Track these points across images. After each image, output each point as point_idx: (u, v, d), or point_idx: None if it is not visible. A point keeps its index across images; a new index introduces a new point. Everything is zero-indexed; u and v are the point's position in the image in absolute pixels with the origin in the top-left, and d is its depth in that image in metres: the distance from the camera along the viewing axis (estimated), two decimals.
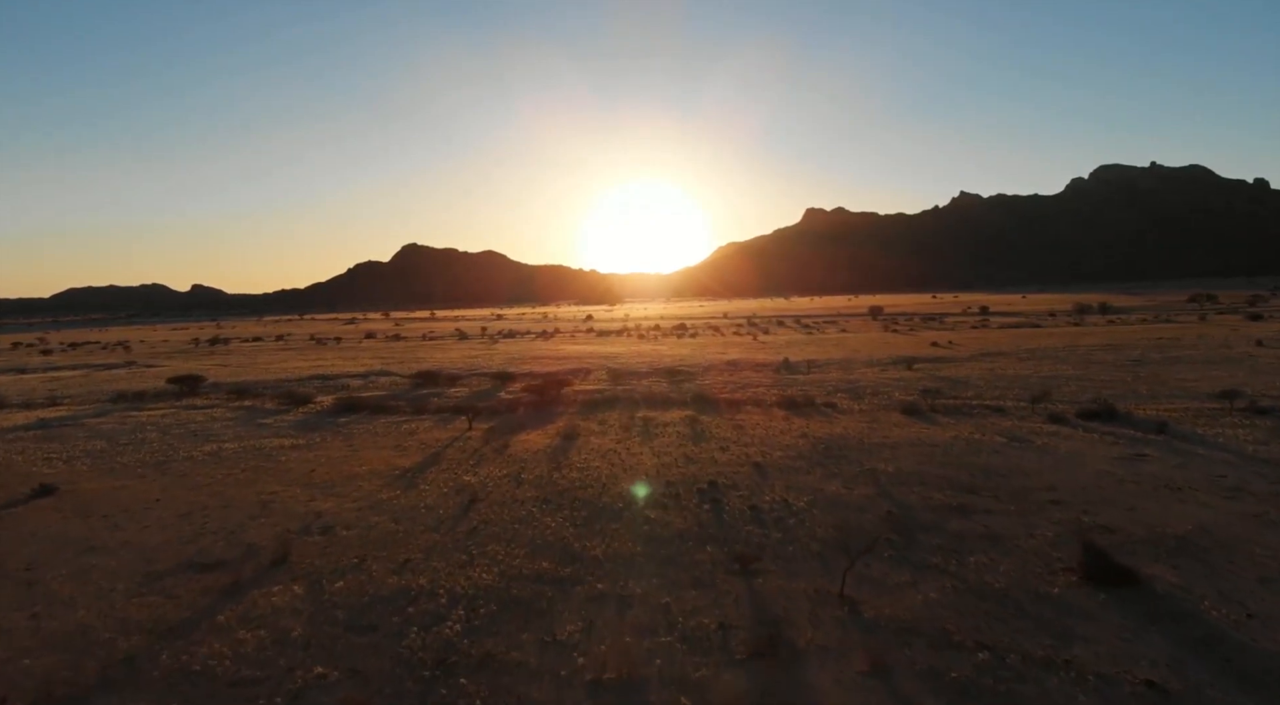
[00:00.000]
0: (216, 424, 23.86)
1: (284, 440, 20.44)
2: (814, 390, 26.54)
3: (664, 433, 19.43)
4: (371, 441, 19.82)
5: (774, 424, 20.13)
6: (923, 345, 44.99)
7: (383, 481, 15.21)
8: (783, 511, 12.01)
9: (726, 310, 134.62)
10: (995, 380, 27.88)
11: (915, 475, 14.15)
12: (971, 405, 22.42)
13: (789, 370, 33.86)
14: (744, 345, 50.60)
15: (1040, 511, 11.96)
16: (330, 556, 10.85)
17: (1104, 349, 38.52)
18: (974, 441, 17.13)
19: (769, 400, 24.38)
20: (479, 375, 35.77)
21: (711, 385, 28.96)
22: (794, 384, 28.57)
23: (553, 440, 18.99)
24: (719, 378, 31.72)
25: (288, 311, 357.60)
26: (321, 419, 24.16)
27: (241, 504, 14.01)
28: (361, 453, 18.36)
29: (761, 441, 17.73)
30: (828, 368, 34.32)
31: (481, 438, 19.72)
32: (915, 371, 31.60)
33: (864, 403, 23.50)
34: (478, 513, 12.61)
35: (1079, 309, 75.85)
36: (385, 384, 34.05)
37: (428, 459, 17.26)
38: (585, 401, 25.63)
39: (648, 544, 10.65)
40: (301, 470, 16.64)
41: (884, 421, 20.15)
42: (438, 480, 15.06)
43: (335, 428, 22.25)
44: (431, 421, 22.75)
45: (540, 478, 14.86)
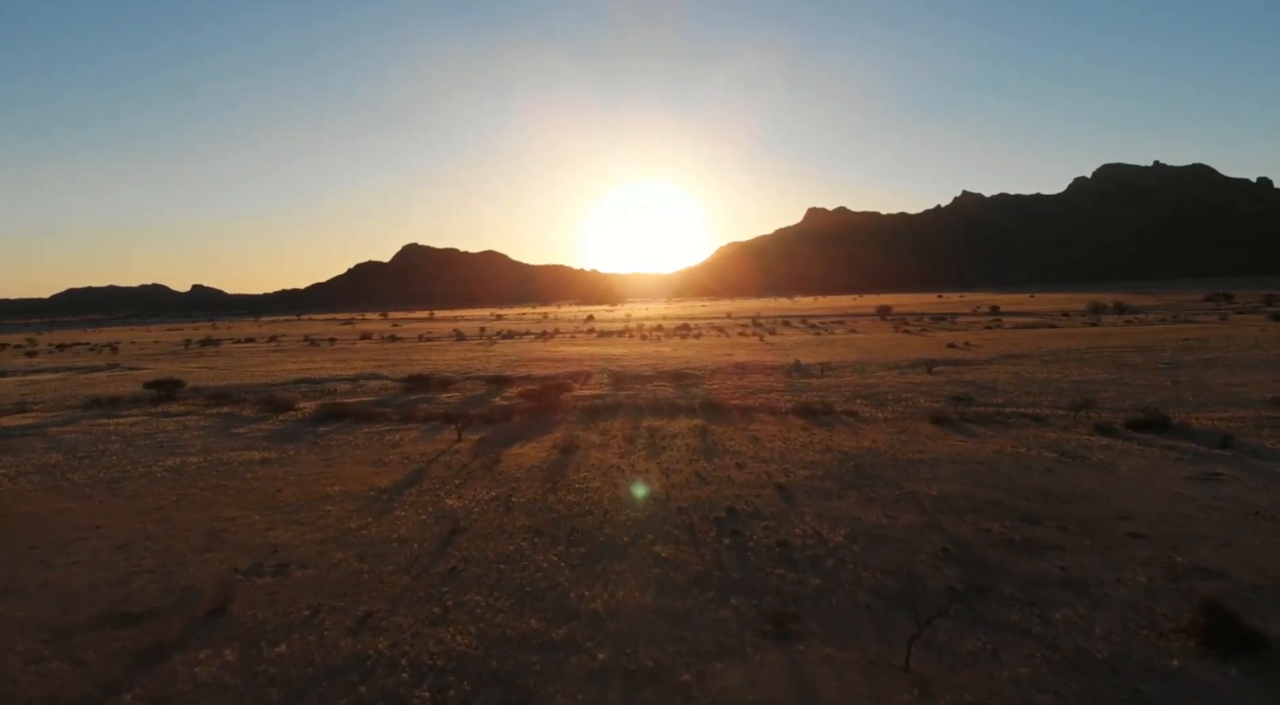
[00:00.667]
0: (187, 433, 22.05)
1: (254, 453, 18.62)
2: (831, 396, 24.70)
3: (672, 445, 17.60)
4: (349, 455, 17.99)
5: (792, 435, 18.28)
6: (938, 347, 43.12)
7: (354, 505, 13.39)
8: (818, 548, 10.18)
9: (730, 310, 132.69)
10: (1024, 385, 26.03)
11: (964, 500, 12.31)
12: (1005, 413, 20.57)
13: (801, 373, 32.02)
14: (751, 346, 48.75)
15: (1121, 548, 10.13)
16: (278, 606, 9.03)
17: (1131, 351, 36.66)
18: (1021, 458, 15.28)
19: (784, 407, 22.54)
20: (474, 379, 33.94)
21: (720, 390, 27.13)
22: (808, 389, 26.73)
23: (549, 454, 17.17)
24: (727, 382, 29.88)
25: (288, 312, 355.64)
26: (300, 428, 22.35)
27: (190, 533, 12.19)
28: (336, 468, 16.54)
29: (782, 457, 15.88)
30: (842, 371, 32.46)
31: (471, 450, 17.89)
32: (936, 375, 29.75)
33: (887, 410, 21.65)
34: (458, 547, 10.79)
35: (1094, 309, 73.93)
36: (375, 388, 32.23)
37: (409, 476, 15.44)
38: (586, 408, 23.81)
39: (660, 594, 8.82)
40: (266, 490, 14.82)
41: (914, 433, 18.31)
42: (416, 504, 13.23)
43: (313, 438, 20.42)
44: (418, 431, 20.92)
45: (533, 501, 13.03)
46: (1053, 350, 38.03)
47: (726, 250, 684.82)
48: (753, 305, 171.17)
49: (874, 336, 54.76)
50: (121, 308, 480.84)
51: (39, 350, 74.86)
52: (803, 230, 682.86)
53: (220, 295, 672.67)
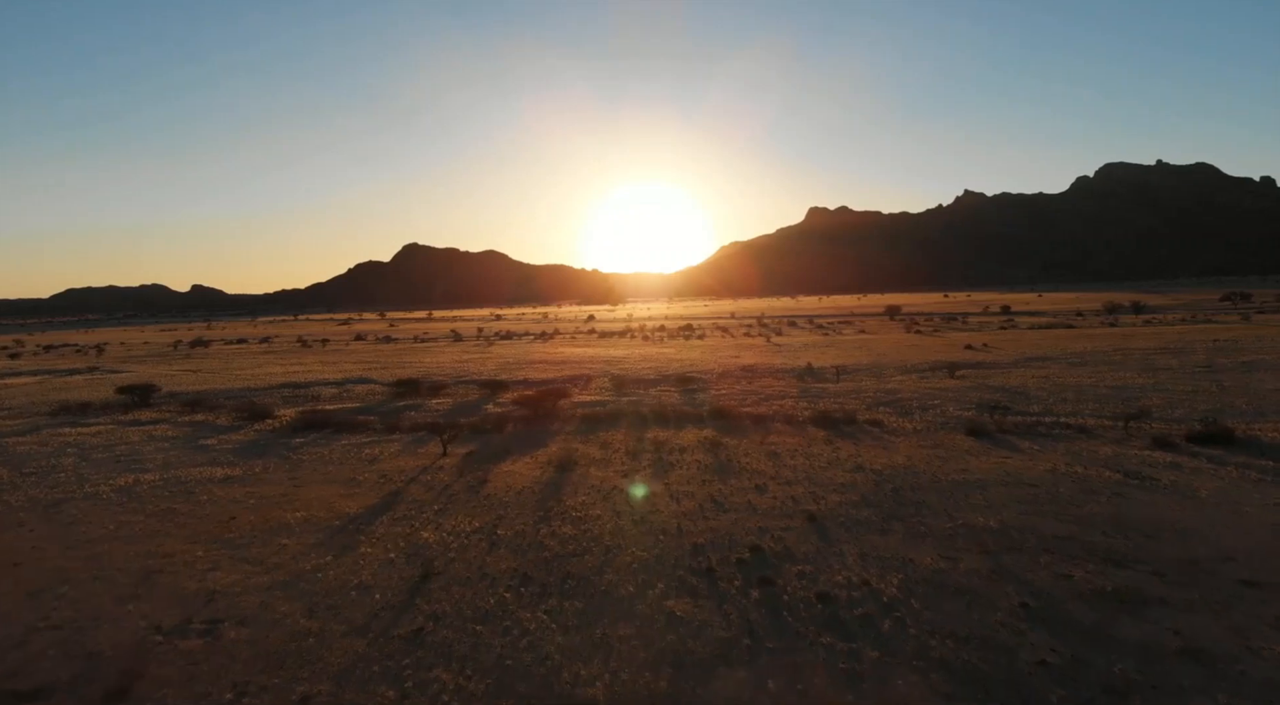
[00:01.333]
0: (150, 446, 20.19)
1: (217, 469, 16.77)
2: (851, 403, 22.83)
3: (681, 462, 15.73)
4: (320, 472, 16.13)
5: (815, 450, 16.41)
6: (955, 348, 41.24)
7: (315, 537, 11.53)
8: (868, 603, 8.31)
9: (733, 310, 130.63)
10: (1058, 391, 24.15)
11: (1030, 535, 10.45)
12: (1046, 423, 18.70)
13: (814, 377, 30.15)
14: (757, 348, 46.88)
15: (1237, 602, 8.26)
16: (196, 684, 7.17)
17: (1160, 353, 34.77)
18: (1081, 479, 13.40)
19: (801, 416, 20.67)
20: (467, 383, 32.08)
21: (730, 396, 25.27)
22: (824, 395, 24.85)
23: (543, 472, 15.31)
24: (737, 386, 28.02)
25: (287, 312, 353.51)
26: (274, 439, 20.49)
27: (119, 574, 10.35)
28: (303, 489, 14.68)
29: (808, 477, 14.01)
30: (858, 375, 30.58)
31: (456, 467, 16.03)
32: (960, 380, 27.87)
33: (915, 420, 19.78)
34: (429, 598, 8.93)
35: (1109, 308, 71.94)
36: (362, 393, 30.38)
37: (383, 500, 13.58)
38: (585, 417, 21.95)
39: (677, 674, 6.95)
40: (219, 516, 12.97)
41: (951, 447, 16.44)
42: (386, 537, 11.37)
43: (284, 452, 18.57)
44: (400, 444, 19.06)
45: (522, 534, 11.17)
46: (1077, 352, 36.15)
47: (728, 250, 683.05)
48: (756, 305, 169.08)
49: (885, 337, 52.85)
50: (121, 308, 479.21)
51: (24, 352, 73.04)
52: (804, 230, 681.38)
53: (220, 295, 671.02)
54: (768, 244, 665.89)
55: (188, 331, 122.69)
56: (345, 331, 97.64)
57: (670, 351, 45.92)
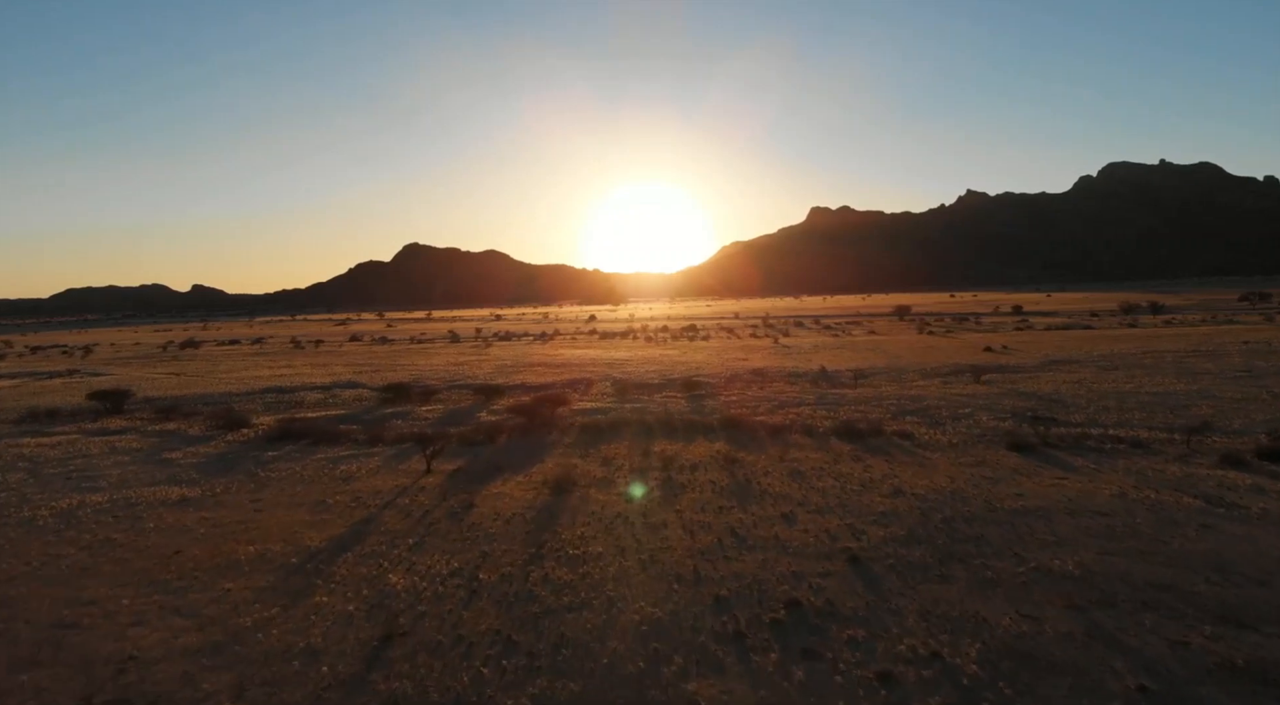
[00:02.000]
0: (109, 460, 18.45)
1: (175, 489, 15.02)
2: (874, 411, 21.05)
3: (693, 482, 13.96)
4: (288, 493, 14.38)
5: (844, 468, 14.64)
6: (973, 350, 39.44)
7: (265, 580, 9.77)
8: (944, 686, 6.54)
9: (737, 310, 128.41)
10: (1095, 398, 22.36)
11: (1119, 582, 8.67)
12: (1094, 436, 16.91)
13: (830, 382, 28.36)
14: (765, 350, 45.08)
15: None
16: None
17: (1193, 356, 32.97)
18: (1156, 507, 11.62)
19: (821, 426, 18.91)
20: (461, 388, 30.32)
21: (741, 403, 23.49)
22: (843, 402, 23.07)
23: (537, 494, 13.55)
24: (748, 392, 26.24)
25: (288, 312, 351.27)
26: (244, 452, 18.74)
27: (23, 629, 8.60)
28: (265, 515, 12.93)
29: (841, 503, 12.23)
30: (876, 379, 28.80)
31: (439, 488, 14.27)
32: (987, 385, 26.08)
33: (949, 432, 18.00)
34: (387, 673, 7.16)
35: (1126, 309, 69.98)
36: (348, 399, 28.63)
37: (352, 530, 11.82)
38: (585, 426, 20.19)
39: None
40: (162, 550, 11.22)
41: (996, 465, 14.66)
42: (348, 581, 9.61)
43: (254, 468, 16.82)
44: (381, 459, 17.30)
45: (508, 579, 9.41)
46: (1104, 355, 34.34)
47: (729, 250, 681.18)
48: (759, 305, 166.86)
49: (898, 339, 51.01)
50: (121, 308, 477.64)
51: (10, 353, 71.36)
52: (806, 230, 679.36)
53: (220, 295, 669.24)
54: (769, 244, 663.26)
55: (183, 332, 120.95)
56: (341, 332, 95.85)
57: (674, 353, 44.15)
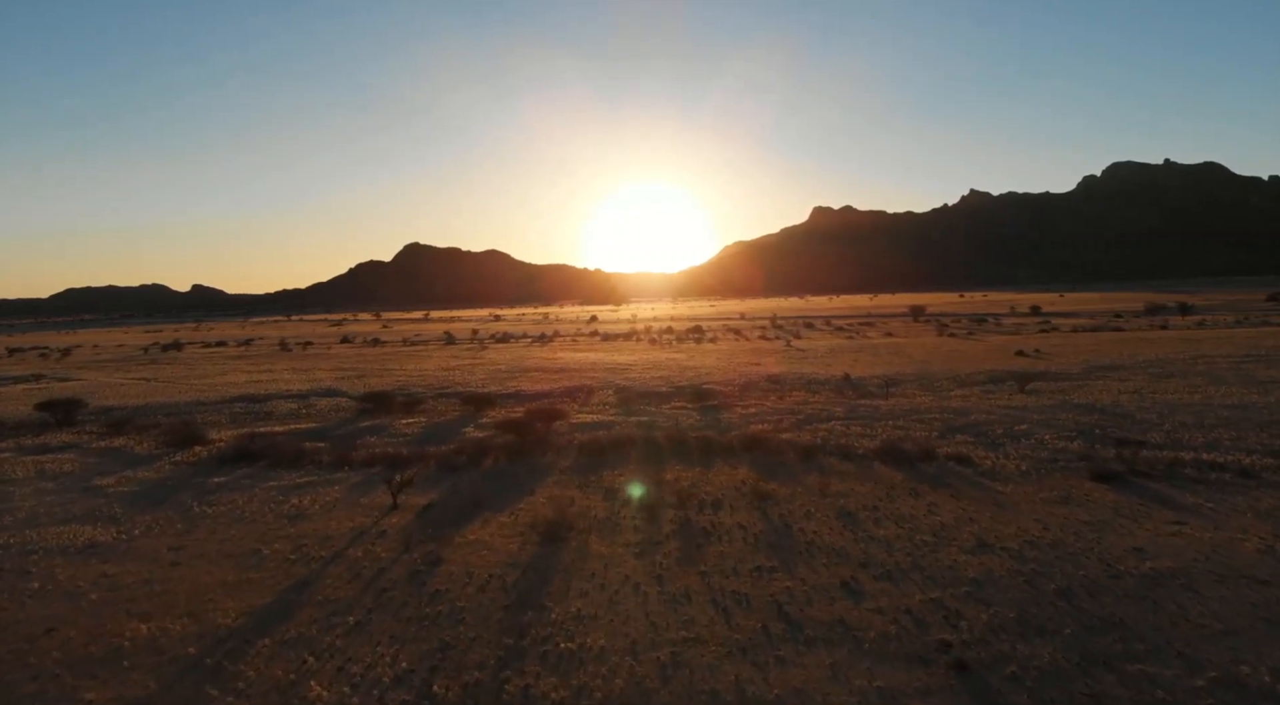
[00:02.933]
0: (28, 487, 15.76)
1: (86, 530, 12.34)
2: (916, 428, 18.32)
3: (719, 529, 11.25)
4: (219, 538, 11.68)
5: (903, 506, 11.91)
6: (1002, 355, 36.67)
7: (145, 686, 7.07)
8: None
9: (742, 311, 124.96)
10: (1166, 412, 19.61)
11: None
12: (1187, 462, 14.17)
13: (857, 391, 25.62)
14: (778, 353, 42.33)
15: None
16: None
17: (1248, 361, 30.22)
18: None
19: (860, 446, 16.19)
20: (449, 396, 27.60)
21: (761, 416, 20.76)
22: (878, 416, 20.33)
23: (523, 544, 10.85)
24: (766, 402, 23.51)
25: (288, 312, 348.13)
26: (188, 478, 16.05)
27: None
28: (182, 571, 10.24)
29: (914, 562, 9.50)
30: (907, 387, 26.05)
31: (403, 533, 11.57)
32: (1035, 395, 23.33)
33: (1011, 455, 15.27)
34: None
35: (1152, 309, 67.01)
36: (324, 409, 25.94)
37: (280, 600, 9.12)
38: (585, 445, 17.49)
39: None
40: (32, 628, 8.54)
41: (1086, 501, 11.93)
42: (252, 693, 6.89)
43: (191, 500, 14.12)
44: (343, 488, 14.60)
45: (473, 695, 6.68)
46: (1150, 361, 31.58)
47: (731, 250, 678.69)
48: (764, 305, 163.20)
49: (917, 341, 48.16)
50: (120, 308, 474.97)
51: None
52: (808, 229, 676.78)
53: (220, 295, 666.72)
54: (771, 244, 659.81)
55: (173, 333, 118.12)
56: (335, 333, 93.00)
57: (681, 357, 41.41)
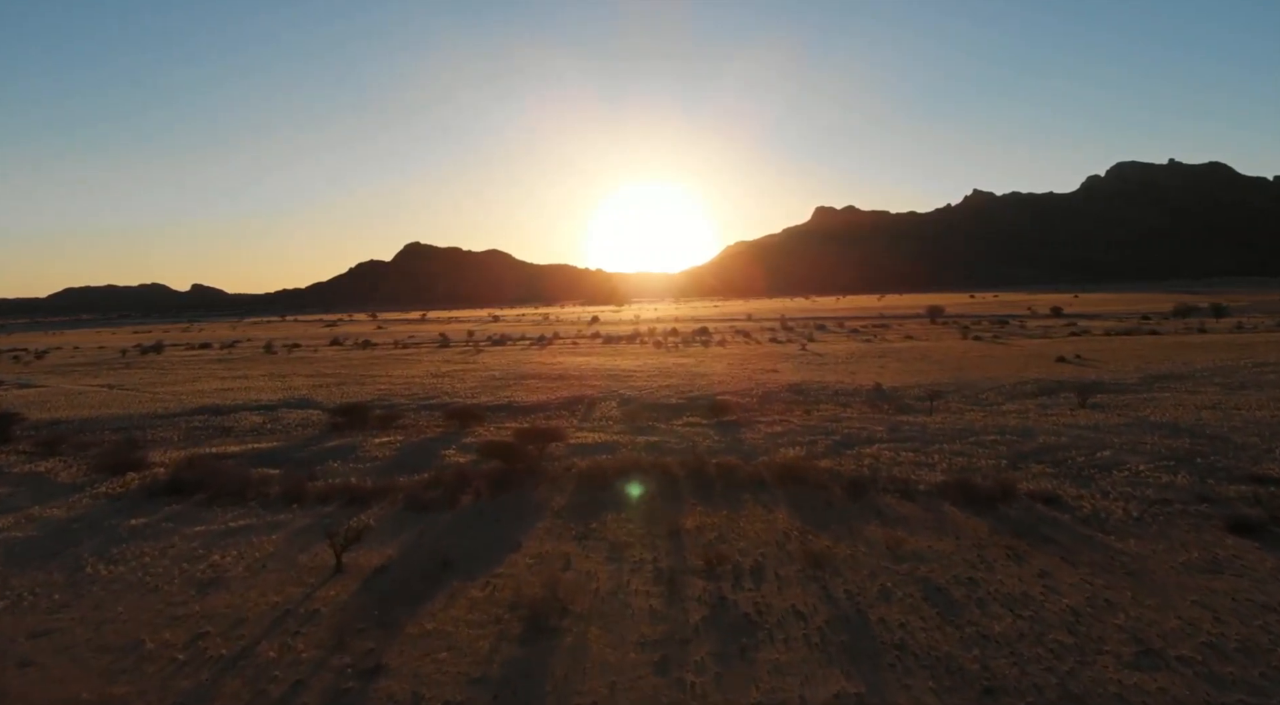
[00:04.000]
0: None
1: None
2: (977, 453, 15.41)
3: (766, 615, 8.35)
4: (100, 618, 8.80)
5: (1007, 579, 9.00)
6: (1043, 361, 33.73)
7: None
8: None
9: (749, 311, 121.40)
10: (1266, 433, 16.68)
11: None
12: None
13: (894, 405, 22.68)
14: (794, 358, 39.40)
15: None
16: None
17: None
18: None
19: (921, 479, 13.29)
20: (434, 408, 24.73)
21: (789, 434, 17.84)
22: (924, 436, 17.40)
23: (498, 640, 7.95)
24: (793, 418, 20.59)
25: (287, 312, 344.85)
26: (103, 517, 13.17)
27: None
28: (31, 675, 7.37)
29: (1060, 684, 6.59)
30: (950, 400, 23.10)
31: (339, 616, 8.68)
32: (1101, 411, 20.38)
33: (1109, 493, 12.36)
34: None
35: (1183, 312, 63.94)
36: (292, 423, 23.08)
37: None
38: (584, 476, 14.60)
39: None
40: None
41: (1239, 566, 9.03)
42: None
43: (93, 552, 11.25)
44: (284, 536, 11.71)
45: None
46: (1210, 369, 28.64)
47: (733, 250, 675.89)
48: (770, 306, 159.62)
49: (943, 345, 45.13)
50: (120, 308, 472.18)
51: None
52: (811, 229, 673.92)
53: (220, 295, 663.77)
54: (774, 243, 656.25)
55: (163, 333, 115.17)
56: (326, 334, 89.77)
57: (689, 362, 38.50)
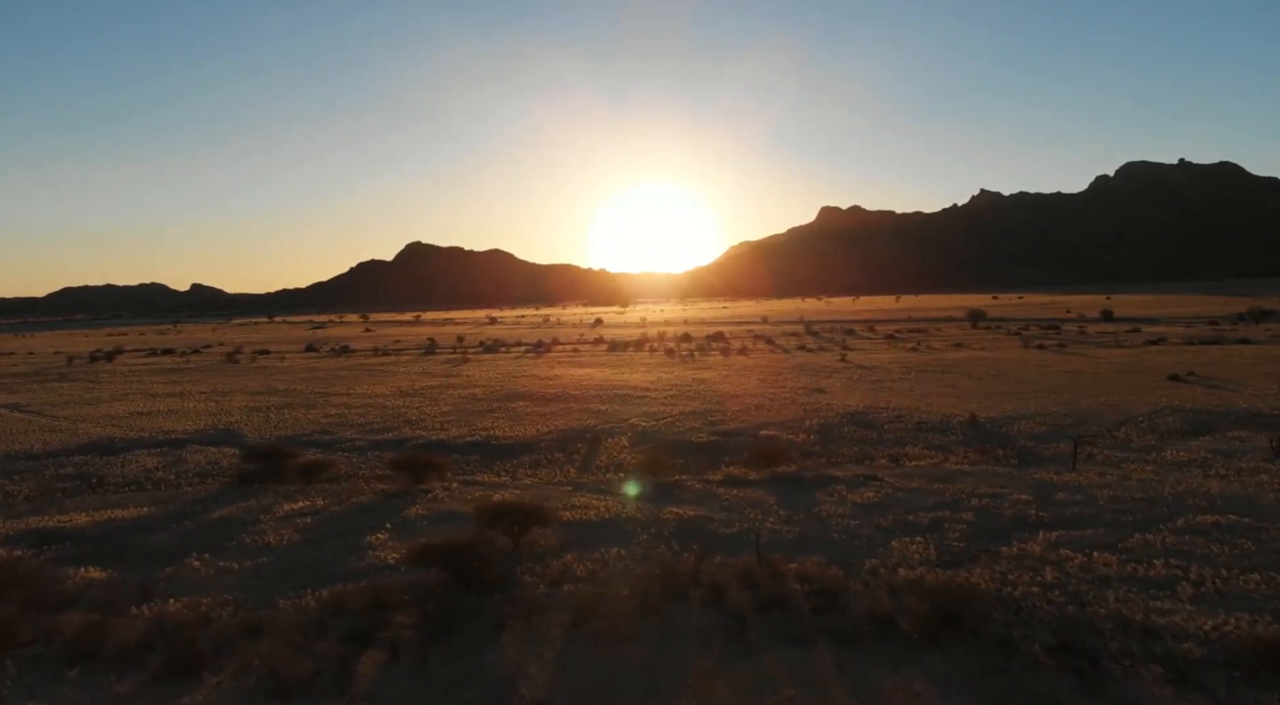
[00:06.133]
0: None
1: None
2: (1222, 557, 9.30)
3: None
4: None
5: None
6: (1149, 379, 27.54)
7: None
8: None
9: (763, 313, 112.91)
10: None
11: None
12: None
13: (1006, 446, 16.49)
14: (838, 373, 33.19)
15: None
16: None
17: None
18: None
19: (1175, 626, 7.19)
20: (385, 446, 18.62)
21: (894, 511, 11.77)
22: (1107, 520, 11.27)
23: None
24: (879, 469, 14.44)
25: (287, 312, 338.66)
26: None
27: None
28: None
29: None
30: (1099, 444, 16.89)
31: None
32: None
33: None
34: None
35: (1256, 314, 57.26)
36: (191, 471, 17.05)
37: None
38: (582, 606, 8.50)
39: None
40: None
41: None
42: None
43: None
44: None
45: None
46: None
47: (737, 250, 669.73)
48: (782, 307, 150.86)
49: (1007, 356, 38.73)
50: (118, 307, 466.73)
51: None
52: (816, 229, 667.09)
53: (220, 295, 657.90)
54: (778, 243, 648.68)
55: (139, 336, 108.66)
56: (308, 338, 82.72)
57: (712, 377, 32.39)
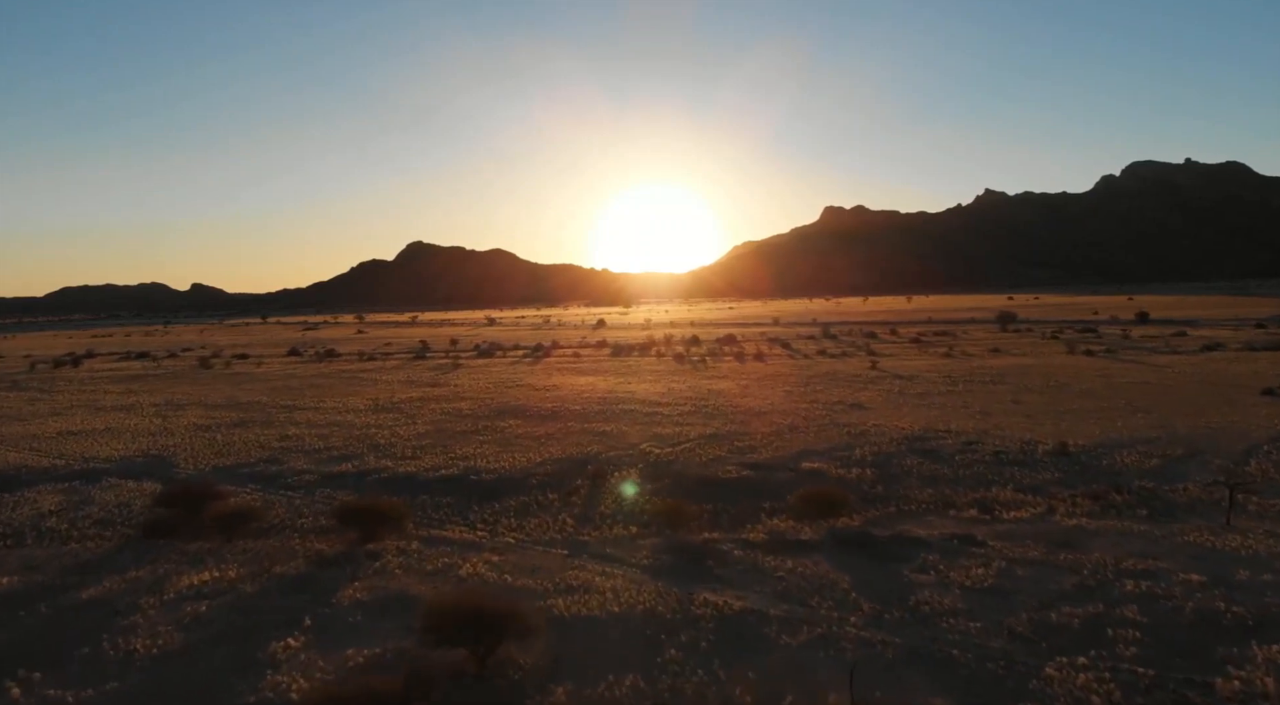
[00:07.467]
0: None
1: None
2: None
3: None
4: None
5: None
6: (1237, 393, 23.86)
7: None
8: None
9: (772, 314, 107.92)
10: None
11: None
12: None
13: (1125, 492, 12.88)
14: (872, 382, 29.53)
15: None
16: None
17: None
18: None
19: None
20: (339, 481, 15.05)
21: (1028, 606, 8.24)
22: None
23: None
24: (981, 533, 10.87)
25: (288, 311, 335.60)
26: None
27: None
28: None
29: None
30: (1208, 480, 13.29)
31: None
32: None
33: None
34: None
35: None
36: (90, 517, 13.54)
37: None
38: None
39: None
40: None
41: None
42: None
43: None
44: None
45: None
46: None
47: (740, 250, 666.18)
48: (790, 308, 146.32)
49: (1052, 362, 34.90)
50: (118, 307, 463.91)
51: None
52: (819, 229, 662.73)
53: (220, 294, 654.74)
54: (781, 243, 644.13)
55: (125, 337, 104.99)
56: (295, 340, 78.27)
57: (730, 388, 28.78)
